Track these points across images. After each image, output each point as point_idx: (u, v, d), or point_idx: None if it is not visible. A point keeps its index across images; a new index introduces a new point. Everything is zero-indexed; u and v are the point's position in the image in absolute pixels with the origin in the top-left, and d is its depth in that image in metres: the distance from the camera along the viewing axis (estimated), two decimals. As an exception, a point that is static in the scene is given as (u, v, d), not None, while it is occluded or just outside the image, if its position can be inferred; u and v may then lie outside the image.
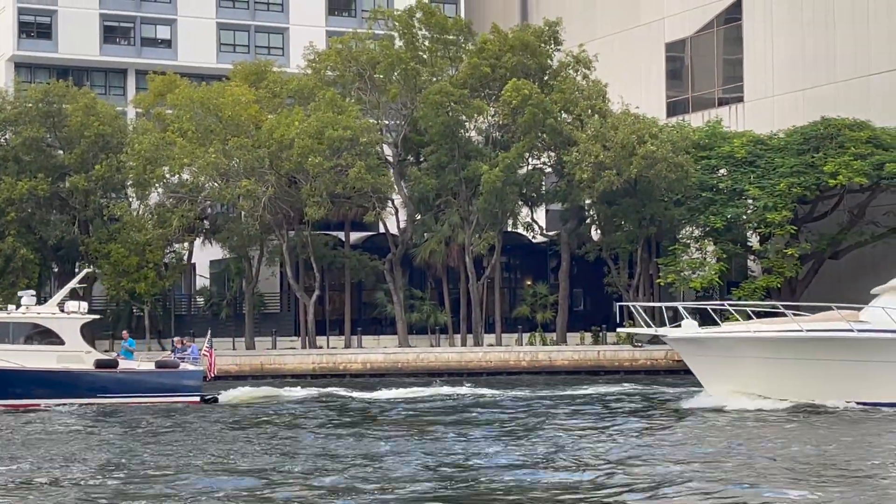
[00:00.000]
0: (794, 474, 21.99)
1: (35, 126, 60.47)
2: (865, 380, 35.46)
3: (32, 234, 60.03)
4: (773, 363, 35.83)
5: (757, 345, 35.98)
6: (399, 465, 23.71)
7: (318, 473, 22.63)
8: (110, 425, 33.78)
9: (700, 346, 36.97)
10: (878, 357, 35.32)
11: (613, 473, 22.19)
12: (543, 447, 26.59)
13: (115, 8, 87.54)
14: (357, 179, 57.58)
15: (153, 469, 23.56)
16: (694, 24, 76.01)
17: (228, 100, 60.01)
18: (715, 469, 22.72)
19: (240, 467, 23.84)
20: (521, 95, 58.36)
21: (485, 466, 23.53)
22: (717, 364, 36.57)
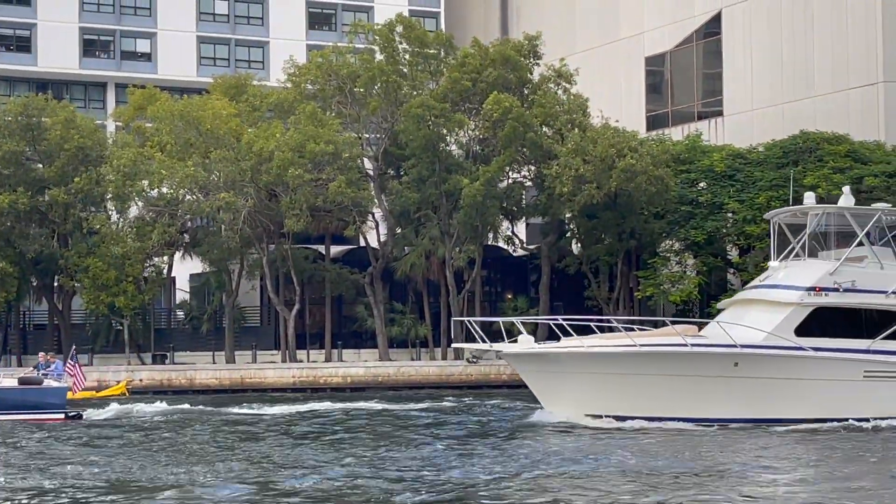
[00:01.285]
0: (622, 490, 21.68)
1: (14, 139, 60.34)
2: (698, 396, 34.28)
3: (11, 247, 59.87)
4: (608, 379, 34.45)
5: (591, 360, 34.51)
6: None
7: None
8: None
9: (536, 361, 35.30)
10: (708, 372, 34.21)
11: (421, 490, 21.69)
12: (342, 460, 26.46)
13: (95, 21, 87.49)
14: (338, 193, 57.63)
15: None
16: (673, 38, 76.33)
17: (208, 113, 60.02)
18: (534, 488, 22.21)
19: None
20: (501, 109, 58.51)
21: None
22: (553, 380, 34.97)
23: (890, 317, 35.70)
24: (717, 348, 34.35)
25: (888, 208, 37.90)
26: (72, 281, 61.42)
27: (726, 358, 34.18)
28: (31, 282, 64.31)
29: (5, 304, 61.49)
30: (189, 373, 58.20)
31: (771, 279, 36.98)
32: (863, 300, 35.67)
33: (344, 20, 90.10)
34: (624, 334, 35.30)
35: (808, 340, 34.84)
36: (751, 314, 36.03)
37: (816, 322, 35.27)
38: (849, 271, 35.79)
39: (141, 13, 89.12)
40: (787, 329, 34.82)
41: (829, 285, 35.49)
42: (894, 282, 35.87)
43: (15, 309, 65.45)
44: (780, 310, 35.28)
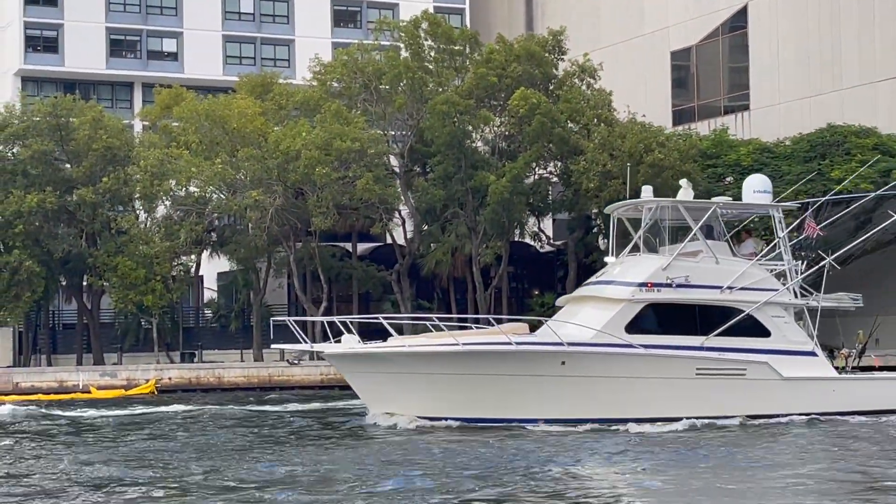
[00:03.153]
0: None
1: (43, 140, 60.46)
2: (526, 396, 33.21)
3: (40, 247, 59.97)
4: (432, 380, 33.13)
5: (414, 361, 33.20)
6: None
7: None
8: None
9: (359, 362, 33.98)
10: (536, 372, 33.04)
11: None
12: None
13: (122, 21, 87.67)
14: (364, 191, 57.49)
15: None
16: (699, 32, 75.89)
17: (235, 112, 59.99)
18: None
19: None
20: (528, 104, 58.28)
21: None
22: (377, 382, 33.74)
23: (724, 313, 34.51)
24: (542, 347, 33.25)
25: (724, 202, 36.82)
26: (100, 280, 61.49)
27: (553, 357, 33.03)
28: (60, 281, 64.44)
29: (34, 304, 61.61)
30: (217, 371, 58.18)
31: (606, 275, 35.91)
32: (696, 296, 34.44)
33: (369, 17, 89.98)
34: (448, 333, 34.11)
35: (638, 338, 33.62)
36: (583, 311, 34.89)
37: (648, 319, 34.09)
38: (682, 266, 34.59)
39: (167, 13, 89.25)
40: (616, 326, 33.60)
41: (662, 281, 34.22)
42: (730, 277, 34.66)
43: (44, 308, 65.61)
44: (610, 306, 34.10)
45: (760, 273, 35.32)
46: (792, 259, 36.33)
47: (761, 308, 34.61)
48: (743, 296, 34.56)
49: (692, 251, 35.29)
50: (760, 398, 34.12)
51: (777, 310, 34.98)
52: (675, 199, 36.46)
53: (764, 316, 34.70)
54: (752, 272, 35.12)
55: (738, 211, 37.90)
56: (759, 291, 34.74)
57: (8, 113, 62.50)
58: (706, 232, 36.11)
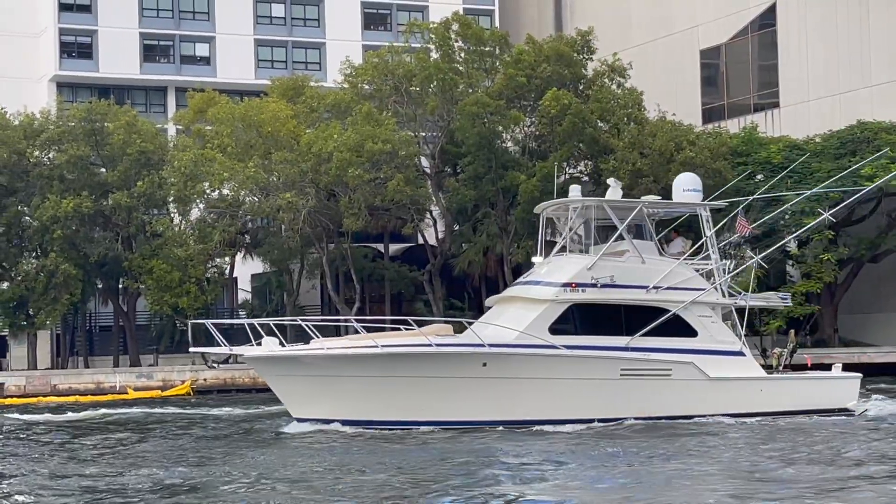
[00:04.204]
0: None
1: (78, 145, 60.79)
2: (447, 398, 32.35)
3: (76, 250, 60.31)
4: (352, 382, 32.23)
5: (333, 364, 32.33)
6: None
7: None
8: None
9: (278, 365, 32.93)
10: (457, 373, 32.23)
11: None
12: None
13: (155, 27, 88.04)
14: (396, 192, 57.54)
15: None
16: (728, 30, 75.61)
17: (267, 115, 60.15)
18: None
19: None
20: (560, 105, 58.21)
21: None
22: (297, 385, 32.74)
23: (650, 312, 33.71)
24: (462, 348, 32.46)
25: (650, 201, 36.00)
26: (136, 283, 61.80)
27: (473, 358, 32.24)
28: (97, 284, 64.81)
29: (71, 307, 61.97)
30: (252, 372, 58.24)
31: (533, 275, 35.31)
32: (621, 295, 33.65)
33: (399, 20, 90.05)
34: (367, 335, 33.37)
35: (562, 338, 32.88)
36: (508, 312, 34.19)
37: (572, 319, 33.31)
38: (608, 266, 33.78)
39: (199, 17, 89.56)
40: (540, 327, 32.84)
41: (586, 281, 33.47)
42: (656, 276, 33.88)
43: (81, 311, 65.99)
44: (534, 307, 33.39)
45: (687, 272, 34.50)
46: (720, 258, 35.45)
47: (688, 308, 33.84)
48: (669, 295, 33.79)
49: (618, 251, 34.51)
50: (686, 399, 33.32)
51: (704, 309, 34.14)
52: (601, 199, 35.75)
53: (690, 316, 33.88)
54: (679, 271, 34.28)
55: (665, 210, 36.90)
56: (685, 291, 33.95)
57: (44, 118, 62.91)
58: (636, 232, 35.37)
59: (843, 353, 56.23)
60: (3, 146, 60.18)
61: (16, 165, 61.03)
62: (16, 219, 61.31)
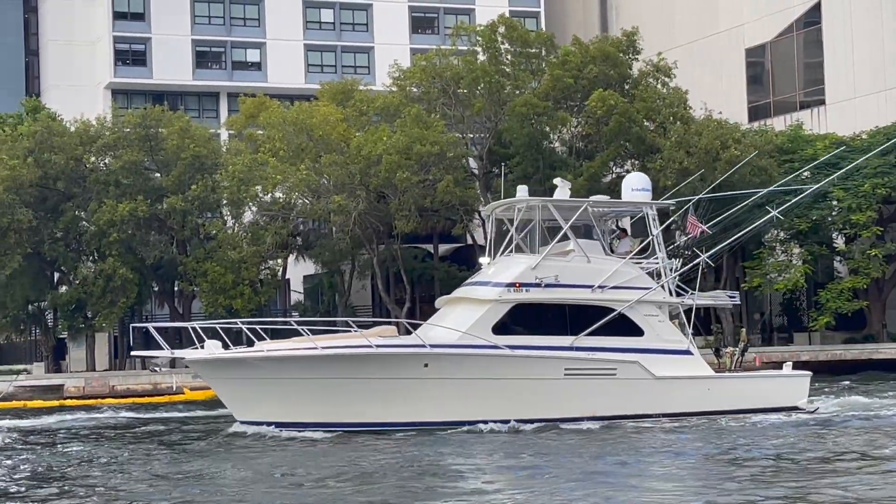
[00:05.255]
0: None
1: (133, 150, 61.32)
2: (389, 399, 31.63)
3: (132, 254, 60.84)
4: (294, 384, 31.48)
5: (274, 365, 31.52)
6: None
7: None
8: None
9: (221, 368, 32.16)
10: (398, 375, 31.50)
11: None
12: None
13: (207, 34, 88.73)
14: (445, 193, 57.67)
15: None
16: (773, 28, 75.20)
17: (318, 119, 60.44)
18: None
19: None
20: (606, 105, 58.13)
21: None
22: (240, 388, 32.07)
23: (595, 312, 32.89)
24: (402, 349, 31.73)
25: (595, 200, 35.24)
26: (191, 285, 62.25)
27: (415, 359, 31.48)
28: (153, 287, 65.36)
29: (128, 309, 62.54)
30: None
31: (480, 276, 34.64)
32: (566, 295, 32.82)
33: (446, 23, 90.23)
34: (309, 337, 32.34)
35: (506, 338, 32.07)
36: (454, 313, 33.48)
37: (516, 319, 32.51)
38: (552, 266, 32.89)
39: (250, 24, 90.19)
40: (483, 327, 32.05)
41: (531, 281, 32.62)
42: (601, 276, 33.05)
43: (137, 313, 66.58)
44: (478, 307, 32.65)
45: (634, 272, 33.74)
46: (667, 257, 34.63)
47: (634, 307, 33.10)
48: (615, 294, 33.09)
49: (564, 251, 33.79)
50: (632, 398, 32.62)
51: (651, 308, 33.40)
52: (546, 199, 34.99)
53: (637, 315, 33.15)
54: (625, 271, 33.52)
55: (611, 209, 36.05)
56: (631, 290, 33.23)
57: (100, 125, 63.52)
58: (584, 231, 34.70)
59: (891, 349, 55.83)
60: (61, 153, 60.82)
61: (73, 171, 61.67)
62: (73, 223, 61.95)
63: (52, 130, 61.58)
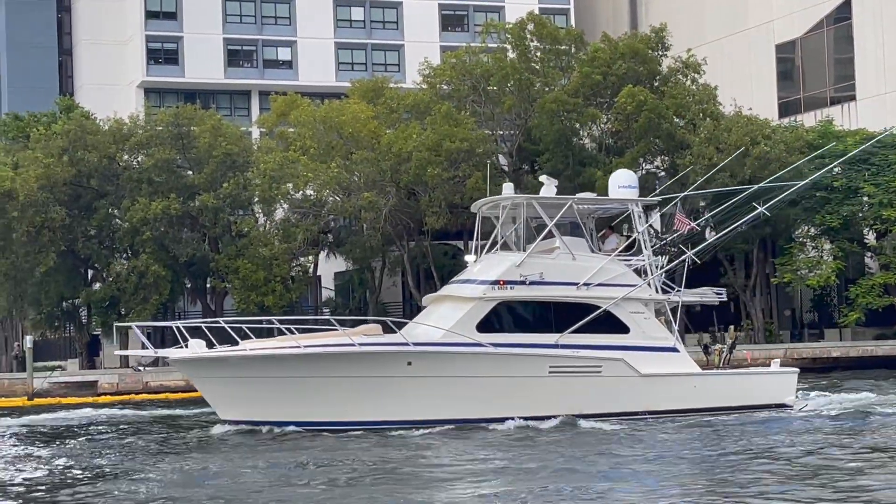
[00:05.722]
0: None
1: (166, 148, 61.46)
2: (372, 398, 31.18)
3: (165, 251, 60.99)
4: (277, 383, 31.12)
5: (257, 365, 31.20)
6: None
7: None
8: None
9: (204, 367, 31.82)
10: (382, 373, 31.12)
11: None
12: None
13: (238, 32, 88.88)
14: (475, 190, 57.54)
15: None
16: (803, 24, 74.72)
17: (349, 117, 60.43)
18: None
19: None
20: (636, 101, 57.87)
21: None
22: (224, 387, 31.72)
23: (580, 309, 32.48)
24: (385, 347, 31.33)
25: (581, 198, 34.71)
26: (223, 282, 62.35)
27: (398, 357, 31.15)
28: (185, 284, 65.48)
29: (161, 306, 62.70)
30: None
31: (466, 274, 34.18)
32: (551, 292, 32.43)
33: (476, 21, 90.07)
34: (292, 336, 32.04)
35: (490, 336, 31.67)
36: (438, 311, 33.10)
37: (500, 317, 32.12)
38: (537, 263, 32.44)
39: (281, 22, 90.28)
40: (467, 325, 31.67)
41: (515, 278, 32.21)
42: (587, 273, 32.57)
43: (170, 310, 66.75)
44: (462, 305, 32.28)
45: (619, 269, 33.30)
46: (652, 254, 34.11)
47: (619, 304, 32.70)
48: (600, 292, 32.66)
49: (549, 248, 33.33)
50: (617, 395, 32.24)
51: (636, 305, 32.99)
52: (531, 196, 34.68)
53: (622, 312, 32.74)
54: (611, 268, 33.14)
55: (596, 206, 35.51)
56: (617, 287, 32.84)
57: (132, 123, 63.69)
58: (570, 229, 34.30)
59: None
60: (94, 151, 61.02)
61: (106, 169, 61.87)
62: (107, 221, 62.15)
63: (85, 129, 61.78)
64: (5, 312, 65.67)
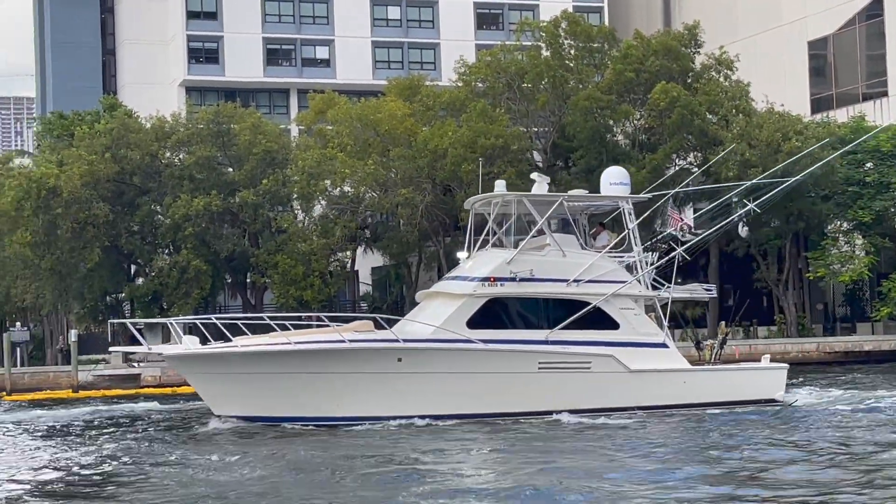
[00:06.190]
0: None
1: (207, 146, 61.83)
2: (363, 393, 31.15)
3: (206, 247, 61.35)
4: (269, 379, 31.11)
5: (249, 361, 31.12)
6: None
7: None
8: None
9: (197, 363, 31.76)
10: (373, 369, 30.97)
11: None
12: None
13: (277, 32, 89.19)
14: (510, 186, 57.48)
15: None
16: (836, 21, 74.26)
17: (385, 114, 60.59)
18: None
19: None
20: (669, 98, 57.72)
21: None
22: (217, 383, 31.65)
23: (570, 306, 32.33)
24: (375, 344, 31.20)
25: (571, 195, 34.46)
26: (262, 277, 62.66)
27: (388, 353, 31.08)
28: (226, 278, 65.85)
29: (202, 301, 63.07)
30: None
31: (458, 270, 34.05)
32: (541, 289, 32.25)
33: (510, 19, 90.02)
34: (282, 333, 31.89)
35: (480, 333, 31.53)
36: (430, 307, 32.99)
37: (491, 313, 31.91)
38: (527, 260, 32.27)
39: (319, 22, 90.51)
40: (457, 322, 31.51)
41: (505, 275, 32.05)
42: (577, 270, 32.36)
43: (211, 304, 67.13)
44: (453, 302, 32.13)
45: (609, 265, 33.13)
46: (643, 251, 33.80)
47: (609, 300, 32.52)
48: (590, 288, 32.52)
49: (539, 245, 33.20)
50: (606, 391, 32.06)
51: (626, 302, 32.79)
52: (521, 193, 34.37)
53: (612, 308, 32.59)
54: (601, 264, 32.96)
55: (587, 203, 35.23)
56: (607, 284, 32.66)
57: (174, 121, 64.12)
58: (562, 226, 34.15)
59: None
60: (137, 148, 61.47)
61: (148, 166, 62.31)
62: (149, 217, 62.60)
63: (128, 127, 62.25)
64: (51, 307, 66.19)
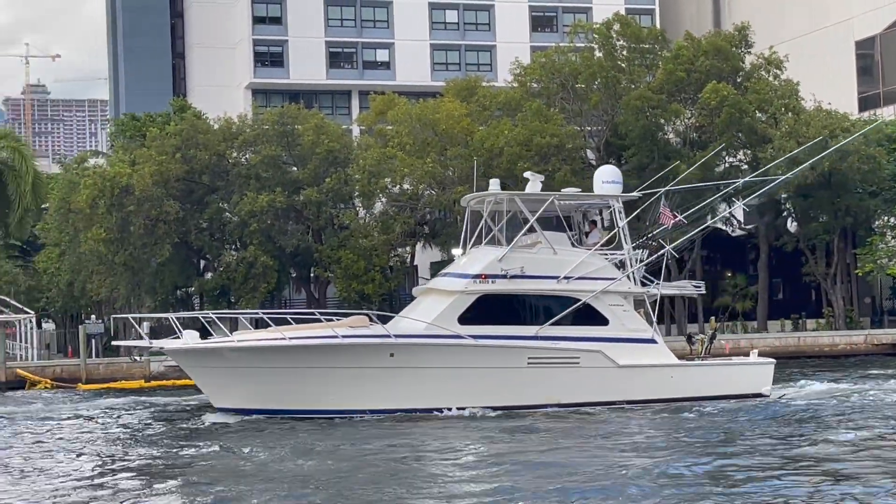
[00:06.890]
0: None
1: (272, 146, 62.54)
2: (356, 388, 31.15)
3: (272, 242, 62.09)
4: (266, 373, 31.16)
5: (247, 355, 31.25)
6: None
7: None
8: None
9: (197, 358, 31.91)
10: (365, 364, 30.99)
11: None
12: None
13: (339, 35, 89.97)
14: (563, 183, 57.79)
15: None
16: (883, 21, 73.75)
17: (443, 114, 61.03)
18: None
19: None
20: (719, 97, 57.74)
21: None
22: (217, 377, 31.80)
23: (560, 302, 32.24)
24: (367, 339, 31.25)
25: (562, 194, 34.38)
26: (326, 272, 63.28)
27: (380, 349, 31.10)
28: (290, 273, 66.53)
29: (268, 294, 63.82)
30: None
31: (452, 267, 33.97)
32: (531, 286, 32.18)
33: (564, 21, 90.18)
34: (278, 328, 32.04)
35: (471, 328, 31.49)
36: (423, 303, 33.05)
37: (481, 310, 31.79)
38: (518, 258, 32.19)
39: (380, 25, 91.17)
40: (449, 318, 31.54)
41: (496, 272, 32.00)
42: (567, 267, 32.24)
43: (277, 298, 67.90)
44: (445, 298, 32.15)
45: (599, 262, 32.95)
46: (632, 248, 33.76)
47: (599, 297, 32.43)
48: (580, 285, 32.43)
49: (530, 242, 33.16)
50: (594, 386, 31.96)
51: (616, 298, 32.68)
52: (513, 192, 34.30)
53: (601, 305, 32.48)
54: (591, 262, 32.84)
55: (578, 202, 35.23)
56: (596, 280, 32.56)
57: (241, 123, 64.91)
58: (556, 224, 34.03)
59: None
60: (205, 149, 62.33)
61: (216, 166, 63.13)
62: (217, 215, 63.43)
63: (197, 128, 63.11)
64: (124, 301, 67.26)
